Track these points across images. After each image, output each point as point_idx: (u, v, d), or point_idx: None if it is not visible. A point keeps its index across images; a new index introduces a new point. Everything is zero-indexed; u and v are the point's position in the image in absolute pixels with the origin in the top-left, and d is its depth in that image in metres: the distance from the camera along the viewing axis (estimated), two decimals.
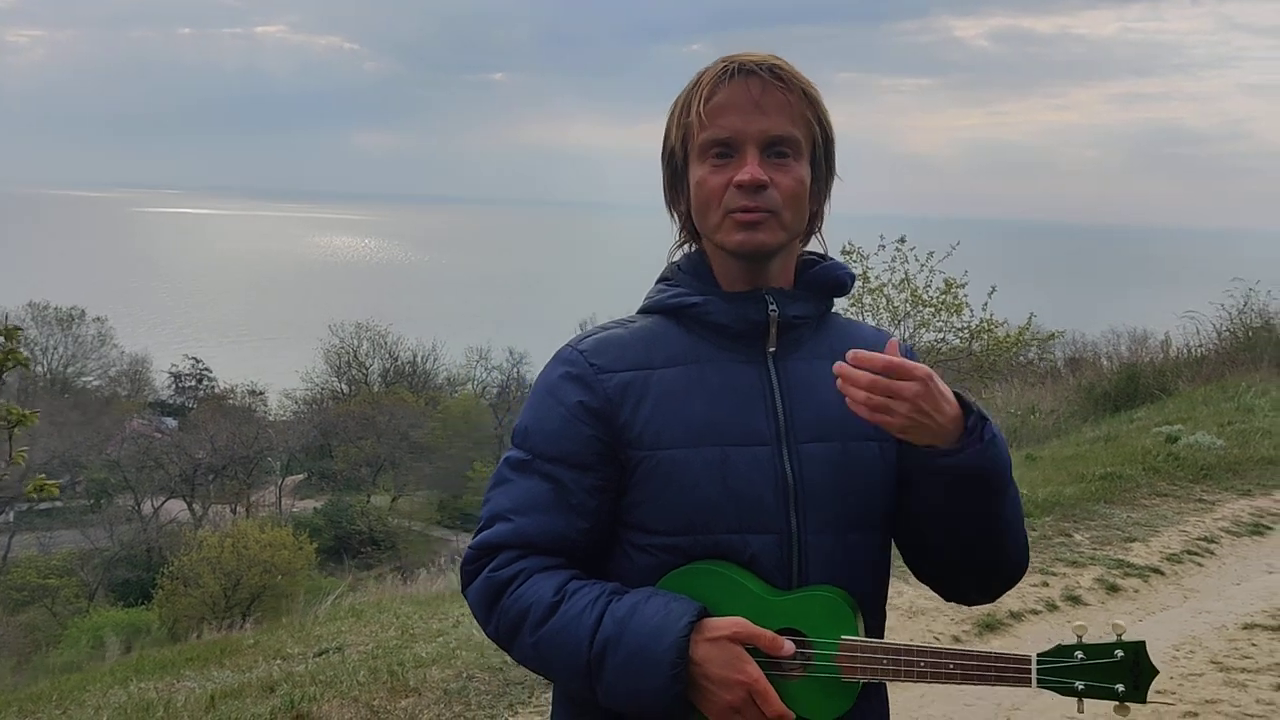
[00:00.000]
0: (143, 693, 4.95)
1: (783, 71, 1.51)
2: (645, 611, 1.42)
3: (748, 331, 1.54)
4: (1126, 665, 1.42)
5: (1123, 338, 26.71)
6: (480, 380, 54.61)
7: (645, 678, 1.39)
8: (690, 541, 1.49)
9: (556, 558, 1.51)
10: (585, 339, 1.58)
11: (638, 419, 1.50)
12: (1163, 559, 6.52)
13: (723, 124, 1.49)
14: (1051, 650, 1.43)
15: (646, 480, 1.50)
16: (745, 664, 1.39)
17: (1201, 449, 9.24)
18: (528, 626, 1.47)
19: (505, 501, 1.53)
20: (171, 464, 40.26)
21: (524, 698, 4.24)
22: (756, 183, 1.48)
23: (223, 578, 28.55)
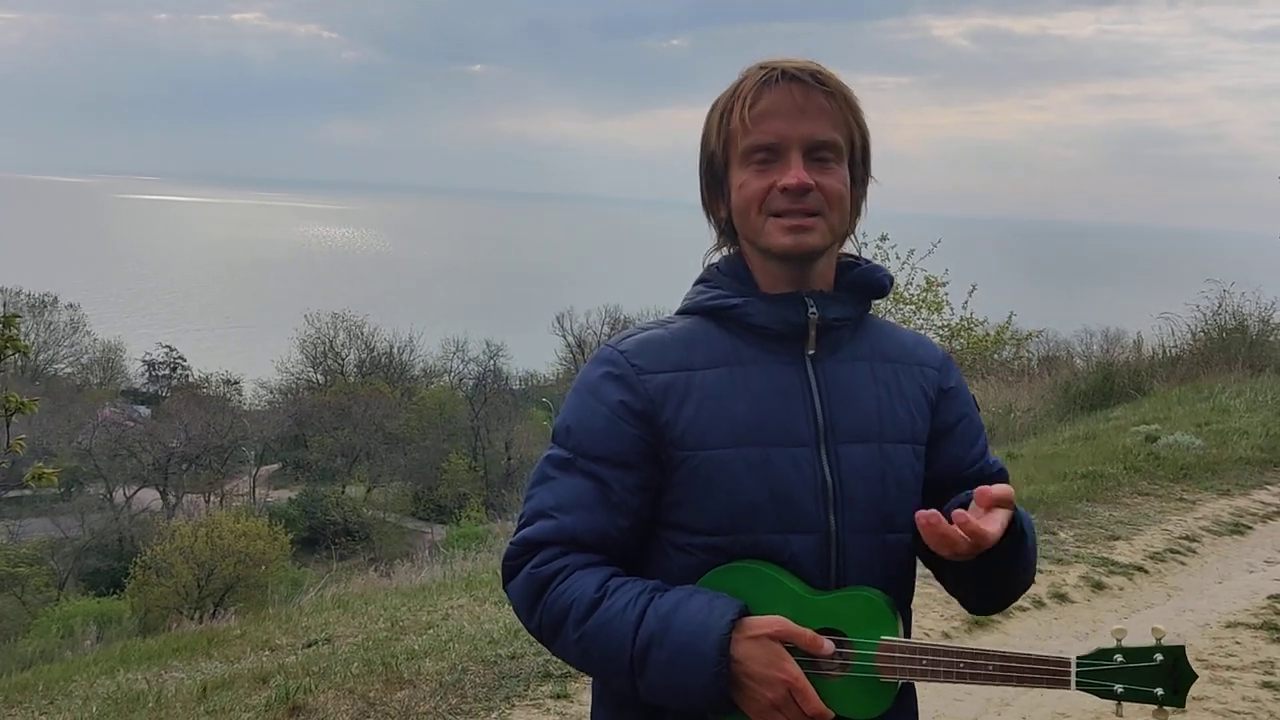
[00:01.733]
0: (131, 683, 4.92)
1: (824, 77, 1.53)
2: (688, 609, 1.43)
3: (787, 333, 1.55)
4: (1166, 669, 1.43)
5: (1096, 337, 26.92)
6: (457, 372, 54.47)
7: (689, 674, 1.41)
8: (731, 541, 1.50)
9: (598, 555, 1.53)
10: (625, 339, 1.59)
11: (680, 419, 1.51)
12: (1146, 557, 6.59)
13: (766, 129, 1.51)
14: (1091, 653, 1.45)
15: (688, 480, 1.51)
16: (786, 662, 1.41)
17: (1181, 449, 9.33)
18: (571, 622, 1.48)
19: (548, 499, 1.54)
20: (144, 453, 39.99)
21: (520, 690, 4.24)
22: (803, 186, 1.49)
23: (196, 568, 28.38)
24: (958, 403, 1.67)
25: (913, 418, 1.60)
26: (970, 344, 17.15)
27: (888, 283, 1.64)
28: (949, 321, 17.11)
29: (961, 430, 1.66)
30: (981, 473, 1.67)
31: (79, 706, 4.53)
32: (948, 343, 17.14)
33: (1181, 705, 1.44)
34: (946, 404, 1.65)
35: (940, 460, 1.63)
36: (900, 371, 1.61)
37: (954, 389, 1.67)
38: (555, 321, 56.43)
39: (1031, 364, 20.32)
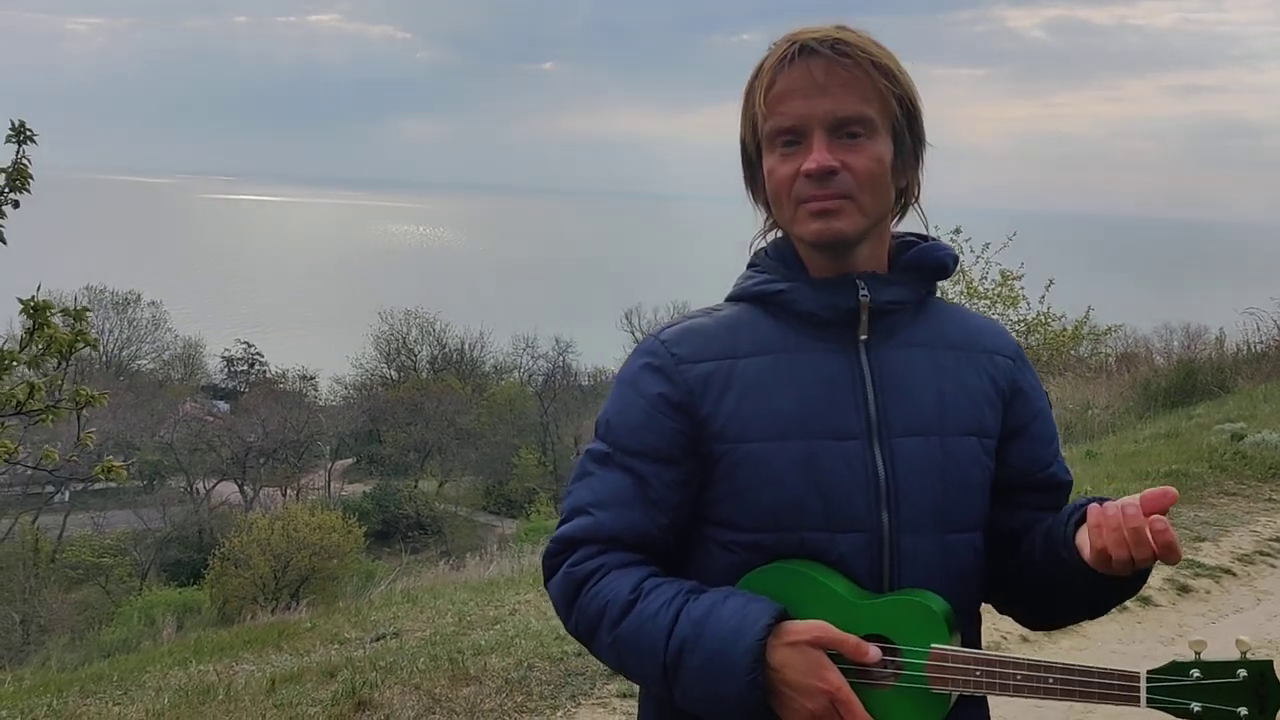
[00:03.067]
0: (202, 675, 4.97)
1: (847, 46, 1.41)
2: (722, 613, 1.35)
3: (837, 319, 1.46)
4: (1251, 686, 1.29)
5: (1176, 333, 26.26)
6: (526, 368, 54.86)
7: (722, 682, 1.33)
8: (775, 539, 1.42)
9: (636, 553, 1.46)
10: (668, 328, 1.52)
11: (721, 411, 1.43)
12: (1233, 559, 6.35)
13: (786, 111, 1.41)
14: (1164, 667, 1.32)
15: (730, 475, 1.43)
16: (827, 671, 1.32)
17: (1269, 447, 9.01)
18: (605, 625, 1.42)
19: (586, 495, 1.48)
20: (223, 447, 40.85)
21: (586, 688, 4.20)
22: (824, 170, 1.39)
23: (272, 559, 28.91)
24: (1034, 397, 1.56)
25: (979, 409, 1.49)
26: (1047, 339, 16.80)
27: (950, 261, 1.52)
28: (1025, 316, 16.77)
29: (1037, 429, 1.55)
30: (1052, 479, 1.56)
31: (151, 698, 4.58)
32: (1024, 338, 16.81)
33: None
34: (1022, 399, 1.54)
35: (1011, 460, 1.52)
36: (966, 359, 1.50)
37: (1030, 383, 1.56)
38: (624, 317, 56.53)
39: (1109, 360, 19.86)
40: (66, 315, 3.30)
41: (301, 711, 4.04)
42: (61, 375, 3.28)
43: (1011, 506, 1.53)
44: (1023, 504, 1.53)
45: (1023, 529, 1.53)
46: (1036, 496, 1.55)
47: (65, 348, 3.22)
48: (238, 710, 4.17)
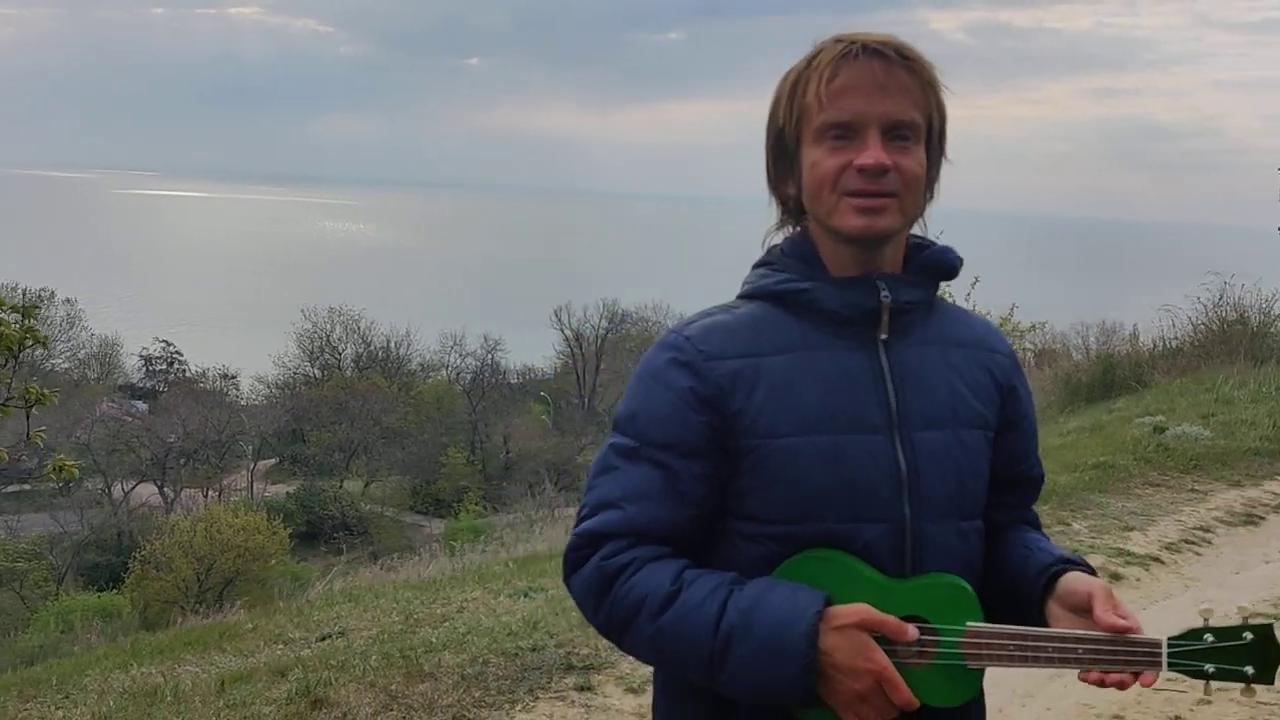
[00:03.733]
0: (146, 677, 4.88)
1: (909, 52, 1.47)
2: (771, 601, 1.39)
3: (858, 318, 1.50)
4: (1255, 647, 1.41)
5: (1092, 330, 26.91)
6: (454, 366, 54.44)
7: (775, 668, 1.37)
8: (801, 530, 1.46)
9: (665, 547, 1.48)
10: (690, 325, 1.55)
11: (751, 407, 1.47)
12: (1162, 548, 6.56)
13: (844, 105, 1.44)
14: (1183, 634, 1.42)
15: (758, 469, 1.47)
16: (874, 652, 1.37)
17: (1190, 440, 9.31)
18: (644, 617, 1.43)
19: (613, 489, 1.49)
20: (142, 447, 39.99)
21: (543, 682, 4.21)
22: (881, 166, 1.43)
23: (195, 562, 28.37)
24: (1024, 396, 1.64)
25: (984, 404, 1.56)
26: None
27: (958, 264, 1.58)
28: None
29: (1025, 426, 1.64)
30: (1028, 474, 1.66)
31: (94, 700, 4.49)
32: None
33: (1271, 682, 1.42)
34: (1015, 396, 1.62)
35: (1001, 452, 1.59)
36: (972, 357, 1.57)
37: (1022, 382, 1.65)
38: (553, 315, 56.40)
39: (1029, 357, 20.32)
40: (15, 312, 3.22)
41: (256, 711, 3.99)
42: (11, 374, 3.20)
43: (988, 504, 1.59)
44: (999, 502, 1.61)
45: (994, 525, 1.61)
46: (1012, 493, 1.64)
47: (14, 345, 3.14)
48: (188, 711, 4.11)
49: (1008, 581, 1.56)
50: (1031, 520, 1.71)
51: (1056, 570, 1.51)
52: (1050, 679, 4.57)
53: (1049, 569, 1.52)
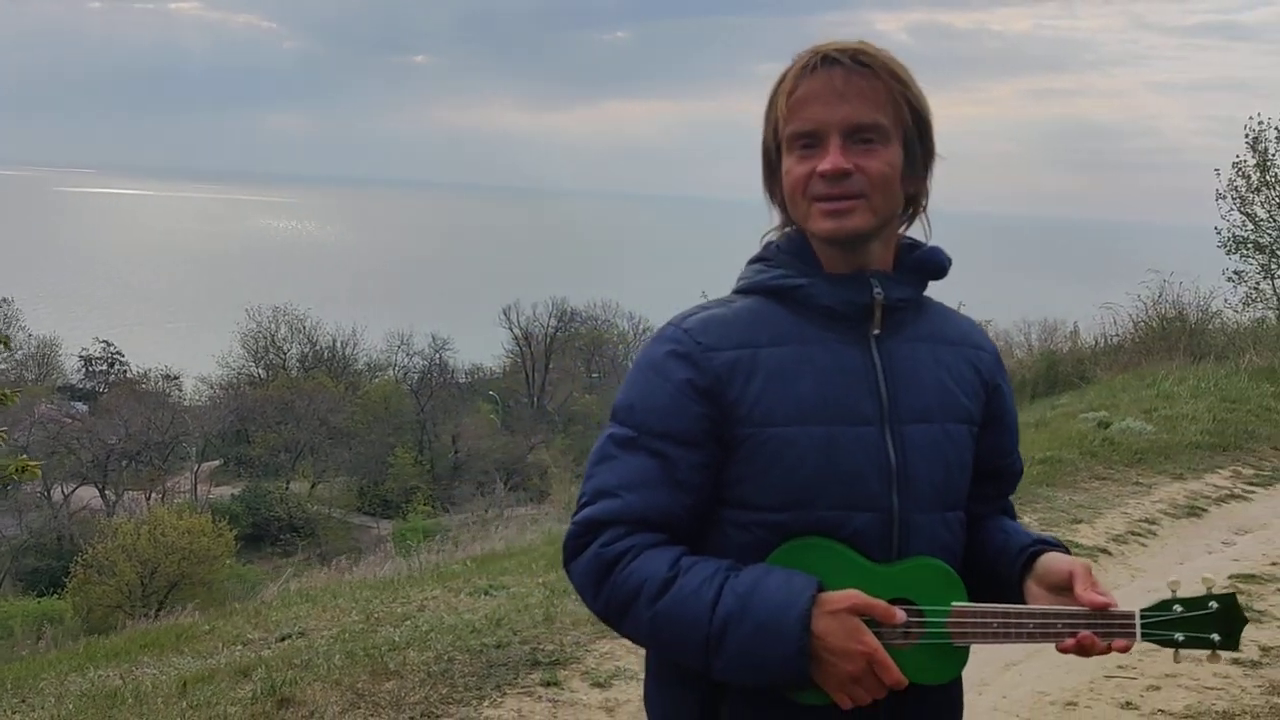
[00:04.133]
0: (104, 680, 4.82)
1: (866, 57, 1.52)
2: (767, 586, 1.44)
3: (852, 314, 1.56)
4: (1220, 615, 1.50)
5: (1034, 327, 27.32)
6: (402, 365, 54.05)
7: (770, 651, 1.42)
8: (793, 518, 1.51)
9: (663, 534, 1.53)
10: (688, 318, 1.59)
11: (747, 396, 1.52)
12: (1109, 540, 6.73)
13: (806, 116, 1.51)
14: (1154, 605, 1.51)
15: (752, 457, 1.52)
16: (865, 635, 1.42)
17: (1133, 434, 9.53)
18: (642, 602, 1.47)
19: (612, 478, 1.54)
20: (82, 449, 39.27)
21: (510, 678, 4.23)
22: (838, 171, 1.50)
23: (139, 566, 27.96)
24: (1007, 393, 1.72)
25: (970, 399, 1.63)
26: None
27: (947, 263, 1.64)
28: None
29: (1007, 421, 1.71)
30: (1008, 468, 1.74)
31: (53, 704, 4.43)
32: None
33: (1236, 648, 1.51)
34: (998, 393, 1.68)
35: (984, 446, 1.66)
36: (959, 354, 1.63)
37: (1005, 379, 1.72)
38: (501, 314, 56.18)
39: None
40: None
41: (221, 711, 3.96)
42: None
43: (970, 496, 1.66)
44: (979, 494, 1.68)
45: (974, 515, 1.68)
46: (993, 485, 1.72)
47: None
48: (151, 713, 4.07)
49: (988, 564, 1.63)
50: (1008, 510, 1.79)
51: (1035, 551, 1.59)
52: (1004, 669, 4.68)
53: (1027, 550, 1.60)
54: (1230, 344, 16.51)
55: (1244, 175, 21.72)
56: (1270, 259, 22.17)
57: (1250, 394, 12.22)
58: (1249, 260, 22.28)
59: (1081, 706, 4.30)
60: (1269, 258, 22.17)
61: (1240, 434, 10.30)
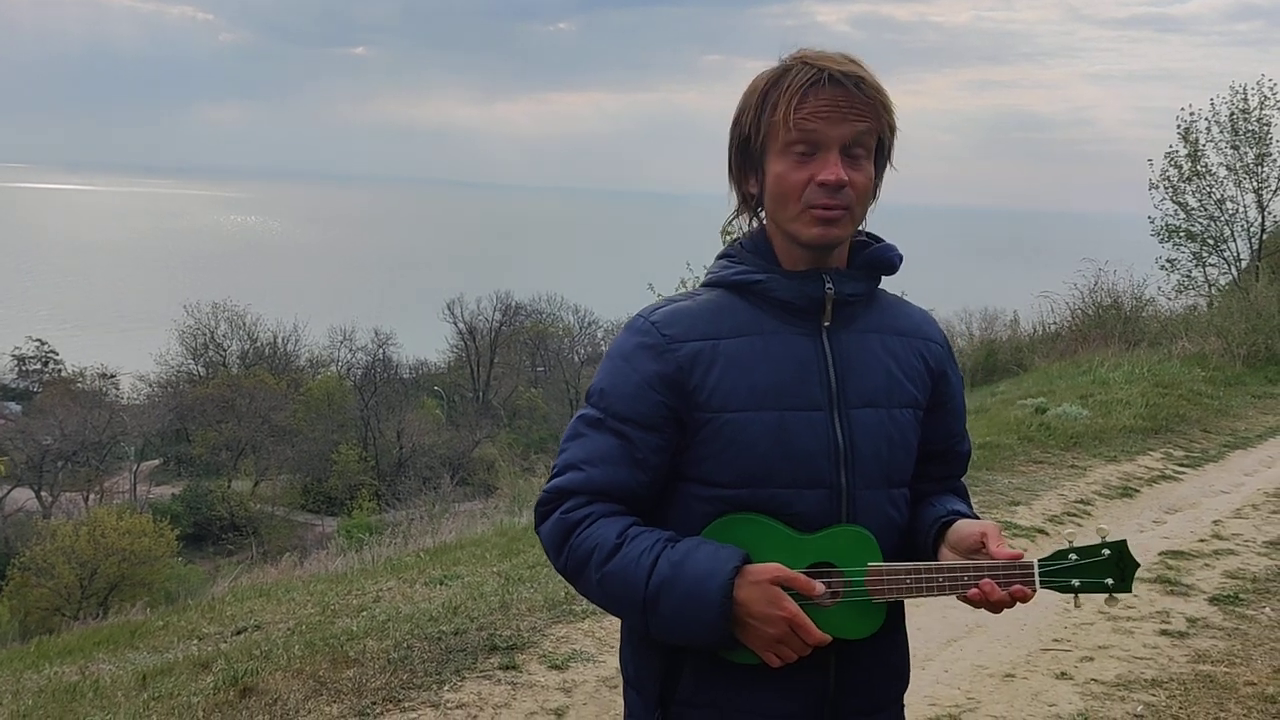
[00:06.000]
0: (60, 676, 4.83)
1: (867, 83, 1.65)
2: (697, 557, 1.59)
3: (806, 307, 1.69)
4: (1113, 561, 1.64)
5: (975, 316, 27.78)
6: (345, 361, 53.61)
7: (696, 614, 1.56)
8: (749, 494, 1.65)
9: (620, 505, 1.67)
10: (657, 310, 1.73)
11: (707, 384, 1.65)
12: (1045, 520, 6.95)
13: (811, 128, 1.62)
14: (1051, 555, 1.65)
15: (711, 439, 1.65)
16: (784, 601, 1.57)
17: (1069, 419, 9.81)
18: (593, 564, 1.63)
19: (579, 453, 1.69)
20: (16, 450, 38.52)
21: (469, 663, 4.31)
22: (841, 183, 1.62)
23: (78, 568, 27.54)
24: (954, 380, 1.84)
25: (916, 386, 1.76)
26: None
27: (898, 260, 1.77)
28: None
29: (953, 407, 1.84)
30: (957, 446, 1.87)
31: (10, 700, 4.44)
32: None
33: (1129, 590, 1.65)
34: (945, 380, 1.81)
35: (929, 429, 1.80)
36: (907, 344, 1.76)
37: (953, 367, 1.85)
38: (445, 308, 55.90)
39: None
40: None
41: (183, 702, 4.00)
42: None
43: (914, 475, 1.79)
44: (925, 473, 1.81)
45: (922, 493, 1.82)
46: (941, 466, 1.85)
47: None
48: (111, 706, 4.10)
49: (911, 535, 1.78)
50: (958, 490, 1.91)
51: (947, 519, 1.74)
52: (946, 644, 4.85)
53: (939, 519, 1.75)
54: (1163, 331, 16.95)
55: (1176, 165, 22.30)
56: (1202, 247, 22.78)
57: (1182, 379, 12.62)
58: (1181, 248, 22.88)
59: (1019, 678, 4.48)
60: (1200, 246, 22.78)
61: (1172, 417, 10.64)
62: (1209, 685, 4.41)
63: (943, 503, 1.79)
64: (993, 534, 1.64)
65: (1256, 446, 10.00)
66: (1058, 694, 4.33)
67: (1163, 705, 4.22)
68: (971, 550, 1.65)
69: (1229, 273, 22.37)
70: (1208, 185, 22.34)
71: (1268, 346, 15.37)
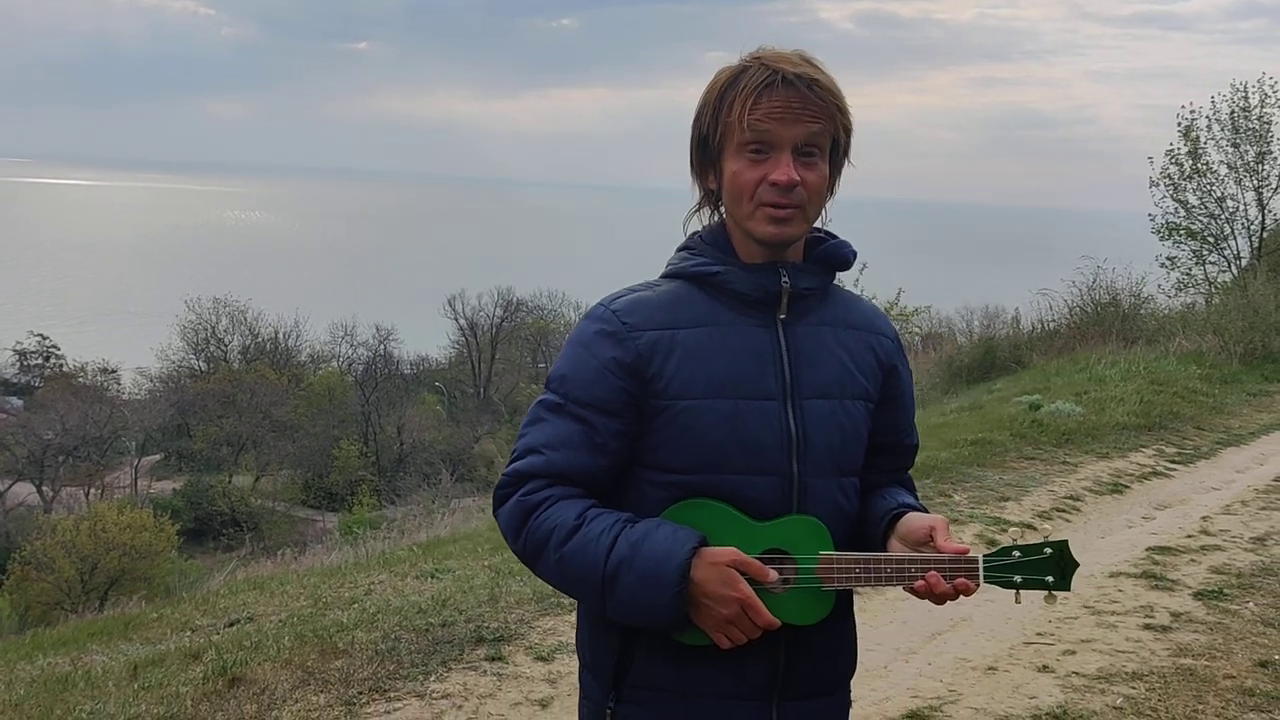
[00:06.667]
0: (53, 666, 4.88)
1: (818, 85, 1.68)
2: (655, 538, 1.62)
3: (762, 299, 1.73)
4: (1054, 560, 1.71)
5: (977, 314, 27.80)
6: (346, 357, 53.63)
7: (653, 594, 1.60)
8: (702, 480, 1.69)
9: (579, 488, 1.71)
10: (617, 299, 1.76)
11: (665, 372, 1.69)
12: (1034, 516, 7.00)
13: (764, 128, 1.66)
14: (995, 551, 1.70)
15: (668, 426, 1.69)
16: (738, 583, 1.61)
17: (1062, 416, 9.85)
18: (552, 545, 1.66)
19: (540, 437, 1.73)
20: (18, 445, 38.62)
21: (455, 654, 4.36)
22: (792, 183, 1.66)
23: (79, 562, 27.60)
24: (904, 374, 1.89)
25: (868, 379, 1.80)
26: None
27: (851, 257, 1.82)
28: None
29: (902, 401, 1.89)
30: (905, 440, 1.91)
31: (3, 690, 4.48)
32: None
33: (1068, 589, 1.71)
34: (895, 374, 1.86)
35: (879, 422, 1.84)
36: (860, 338, 1.81)
37: (903, 361, 1.89)
38: (446, 304, 55.93)
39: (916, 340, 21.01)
40: None
41: (172, 691, 4.05)
42: None
43: (863, 466, 1.84)
44: (873, 465, 1.86)
45: (871, 485, 1.86)
46: (886, 458, 1.89)
47: None
48: (102, 695, 4.15)
49: (866, 527, 1.83)
50: (905, 483, 1.96)
51: (897, 512, 1.78)
52: (930, 638, 4.90)
53: (890, 512, 1.79)
54: (1161, 328, 16.97)
55: (1176, 163, 22.34)
56: (1202, 245, 22.82)
57: (1178, 376, 12.65)
58: (1181, 246, 22.92)
59: (1001, 670, 4.52)
60: (1201, 244, 22.81)
61: (1165, 414, 10.68)
62: (1189, 678, 4.45)
63: (894, 495, 1.84)
64: (940, 528, 1.69)
65: (1250, 443, 10.05)
66: (1039, 686, 4.38)
67: (1142, 697, 4.26)
68: (920, 543, 1.70)
69: (1229, 271, 22.41)
70: (1208, 183, 22.39)
71: (1264, 344, 15.41)
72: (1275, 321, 15.88)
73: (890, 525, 1.77)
